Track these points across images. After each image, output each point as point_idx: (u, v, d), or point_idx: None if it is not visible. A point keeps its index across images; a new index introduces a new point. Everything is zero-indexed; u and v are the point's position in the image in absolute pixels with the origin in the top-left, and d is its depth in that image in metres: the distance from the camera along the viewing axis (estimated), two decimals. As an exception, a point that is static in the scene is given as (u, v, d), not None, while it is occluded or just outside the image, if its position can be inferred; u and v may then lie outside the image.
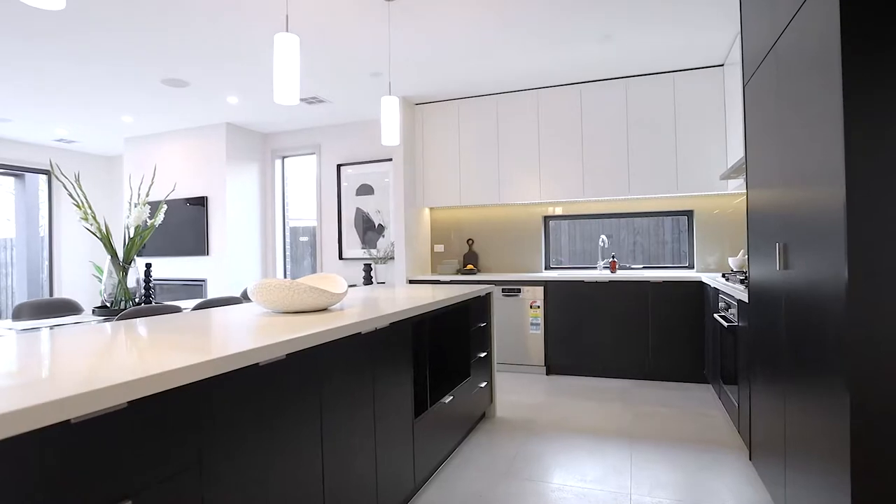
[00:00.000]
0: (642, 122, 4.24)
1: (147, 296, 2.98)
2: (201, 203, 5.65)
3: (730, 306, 2.84)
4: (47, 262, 6.56)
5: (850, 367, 1.24)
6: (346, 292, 2.06)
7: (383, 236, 5.48)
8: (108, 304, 2.75)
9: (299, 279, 2.09)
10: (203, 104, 4.88)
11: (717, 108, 4.05)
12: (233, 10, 3.04)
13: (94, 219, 2.72)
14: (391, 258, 5.40)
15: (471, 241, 5.08)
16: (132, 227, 2.81)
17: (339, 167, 5.68)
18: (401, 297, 2.49)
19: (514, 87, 4.53)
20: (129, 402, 0.91)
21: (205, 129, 5.67)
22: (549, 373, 4.29)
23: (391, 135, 2.88)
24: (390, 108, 2.86)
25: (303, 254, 6.06)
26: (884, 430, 1.21)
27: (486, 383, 3.08)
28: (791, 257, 1.70)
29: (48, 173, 6.54)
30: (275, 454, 1.30)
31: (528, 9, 3.09)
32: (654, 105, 4.22)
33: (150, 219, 2.93)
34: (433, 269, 5.27)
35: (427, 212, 5.20)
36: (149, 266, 3.02)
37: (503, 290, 4.40)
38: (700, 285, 3.84)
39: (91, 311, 2.76)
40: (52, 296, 6.53)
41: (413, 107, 4.95)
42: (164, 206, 3.02)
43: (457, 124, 4.82)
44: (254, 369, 1.24)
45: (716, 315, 3.06)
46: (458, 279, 4.56)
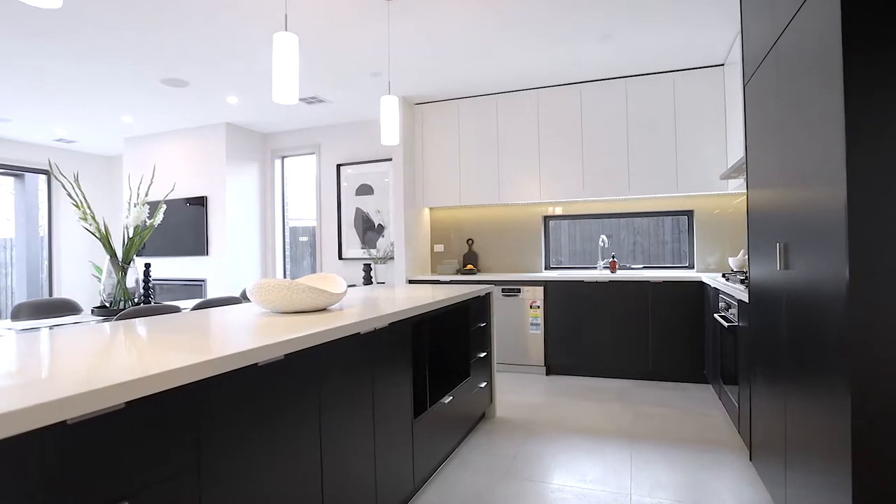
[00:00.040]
0: (642, 121, 4.24)
1: (146, 296, 2.97)
2: (201, 203, 5.65)
3: (730, 306, 2.83)
4: (47, 262, 6.55)
5: (850, 368, 1.24)
6: (346, 292, 2.05)
7: (383, 236, 5.48)
8: (108, 304, 2.74)
9: (298, 279, 2.09)
10: (203, 104, 4.88)
11: (717, 107, 4.04)
12: (231, 10, 3.04)
13: (93, 219, 2.71)
14: (391, 258, 5.39)
15: (471, 241, 5.07)
16: (131, 227, 2.81)
17: (339, 167, 5.67)
18: (400, 297, 2.48)
19: (513, 86, 4.52)
20: (127, 403, 0.91)
21: (204, 128, 5.67)
22: (548, 373, 4.28)
23: (391, 135, 2.87)
24: (390, 107, 2.86)
25: (302, 254, 6.05)
26: (884, 430, 1.21)
27: (485, 383, 3.07)
28: (791, 257, 1.70)
29: (48, 173, 6.53)
30: (273, 455, 1.29)
31: (527, 8, 3.09)
32: (654, 105, 4.21)
33: (150, 219, 2.92)
34: (433, 269, 5.26)
35: (427, 212, 5.20)
36: (148, 266, 3.02)
37: (503, 290, 4.39)
38: (700, 285, 3.84)
39: (90, 311, 2.76)
40: (51, 296, 6.53)
41: (413, 106, 4.94)
42: (164, 206, 3.02)
43: (456, 124, 4.81)
44: (252, 369, 1.23)
45: (716, 315, 3.05)
46: (458, 279, 4.56)
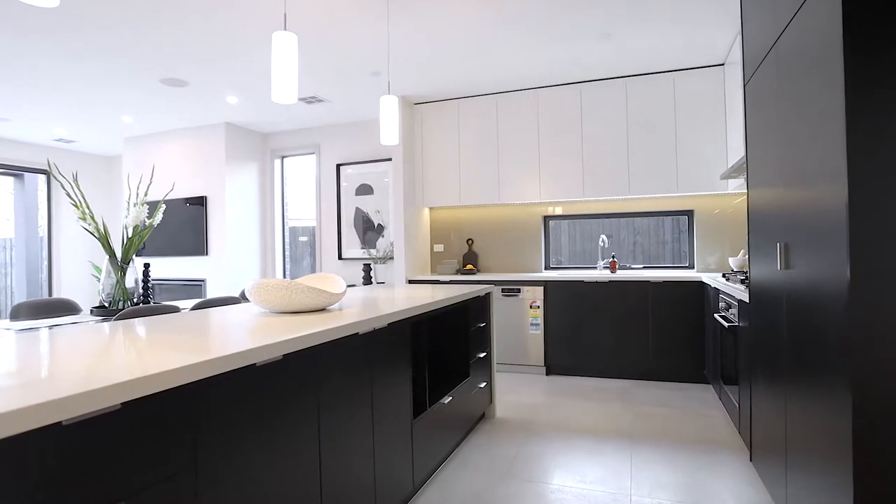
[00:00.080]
0: (642, 121, 4.23)
1: (145, 296, 2.97)
2: (200, 203, 5.64)
3: (730, 306, 2.83)
4: (46, 262, 6.55)
5: (851, 368, 1.23)
6: (345, 292, 2.05)
7: (383, 236, 5.47)
8: (107, 305, 2.74)
9: (297, 279, 2.08)
10: (202, 104, 4.87)
11: (717, 107, 4.03)
12: (230, 9, 3.03)
13: (92, 218, 2.71)
14: (391, 258, 5.39)
15: (470, 241, 5.07)
16: (130, 227, 2.81)
17: (339, 167, 5.67)
18: (400, 298, 2.48)
19: (513, 86, 4.52)
20: (123, 404, 0.90)
21: (204, 128, 5.66)
22: (548, 373, 4.28)
23: (390, 134, 2.87)
24: (389, 107, 2.85)
25: (302, 254, 6.05)
26: (885, 430, 1.20)
27: (485, 384, 3.07)
28: (792, 257, 1.69)
29: (47, 173, 6.53)
30: (272, 455, 1.29)
31: (527, 7, 3.08)
32: (654, 105, 4.20)
33: (149, 218, 2.92)
34: (433, 269, 5.26)
35: (426, 212, 5.19)
36: (147, 266, 3.02)
37: (503, 290, 4.39)
38: (700, 285, 3.83)
39: (89, 312, 2.76)
40: (51, 296, 6.52)
41: (412, 106, 4.94)
42: (163, 206, 3.02)
43: (456, 124, 4.81)
44: (251, 370, 1.23)
45: (716, 315, 3.05)
46: (458, 279, 4.55)
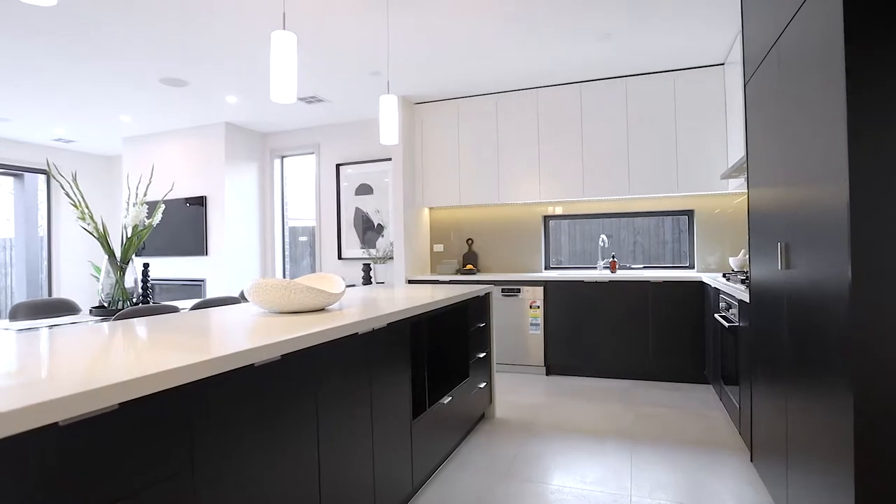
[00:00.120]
0: (642, 121, 4.23)
1: (144, 296, 2.96)
2: (200, 203, 5.64)
3: (731, 306, 2.82)
4: (46, 262, 6.54)
5: (853, 368, 1.23)
6: (344, 292, 2.04)
7: (382, 236, 5.46)
8: (106, 304, 2.73)
9: (296, 279, 2.08)
10: (202, 103, 4.87)
11: (717, 107, 4.03)
12: (230, 9, 3.03)
13: (92, 218, 2.71)
14: (390, 258, 5.38)
15: (470, 241, 5.06)
16: (130, 227, 2.80)
17: (339, 167, 5.66)
18: (399, 297, 2.47)
19: (513, 86, 4.51)
20: (120, 404, 0.90)
21: (204, 128, 5.66)
22: (548, 373, 4.27)
23: (390, 134, 2.86)
24: (389, 106, 2.85)
25: (302, 254, 6.04)
26: (886, 430, 1.20)
27: (485, 384, 3.06)
28: (793, 257, 1.68)
29: (47, 173, 6.52)
30: (271, 456, 1.28)
31: (527, 6, 3.08)
32: (654, 104, 4.20)
33: (148, 218, 2.91)
34: (432, 269, 5.25)
35: (426, 211, 5.19)
36: (146, 266, 3.01)
37: (503, 290, 4.38)
38: (701, 285, 3.83)
39: (88, 311, 2.75)
40: (50, 296, 6.52)
41: (412, 106, 4.93)
42: (162, 206, 3.01)
43: (456, 124, 4.80)
44: (249, 370, 1.22)
45: (716, 315, 3.04)
46: (458, 279, 4.54)
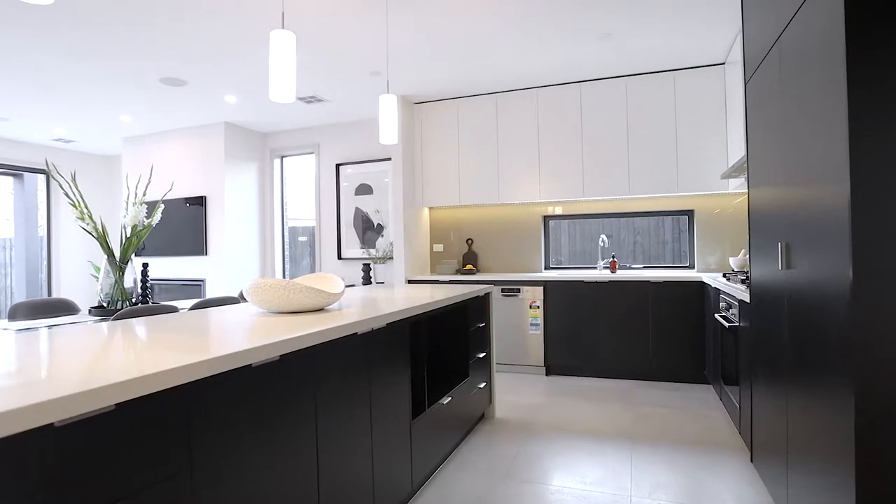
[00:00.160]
0: (642, 121, 4.22)
1: (144, 296, 2.96)
2: (200, 203, 5.63)
3: (731, 306, 2.82)
4: (46, 262, 6.54)
5: (853, 368, 1.22)
6: (343, 292, 2.04)
7: (382, 236, 5.46)
8: (105, 304, 2.73)
9: (295, 279, 2.07)
10: (201, 103, 4.86)
11: (717, 106, 4.02)
12: (229, 8, 3.02)
13: (91, 218, 2.70)
14: (390, 258, 5.38)
15: (470, 241, 5.05)
16: (129, 227, 2.80)
17: (338, 167, 5.65)
18: (399, 297, 2.47)
19: (513, 85, 4.51)
20: (117, 405, 0.89)
21: (203, 128, 5.65)
22: (548, 373, 4.27)
23: (389, 134, 2.85)
24: (388, 106, 2.84)
25: (302, 254, 6.03)
26: (887, 430, 1.19)
27: (485, 384, 3.06)
28: (794, 257, 1.68)
29: (47, 173, 6.52)
30: (269, 456, 1.27)
31: (527, 6, 3.07)
32: (654, 104, 4.19)
33: (147, 218, 2.91)
34: (432, 269, 5.24)
35: (426, 211, 5.18)
36: (146, 266, 3.01)
37: (503, 290, 4.38)
38: (701, 285, 3.82)
39: (87, 311, 2.75)
40: (50, 296, 6.52)
41: (412, 106, 4.93)
42: (161, 206, 3.01)
43: (456, 123, 4.80)
44: (247, 370, 1.22)
45: (717, 315, 3.04)
46: (458, 279, 4.54)
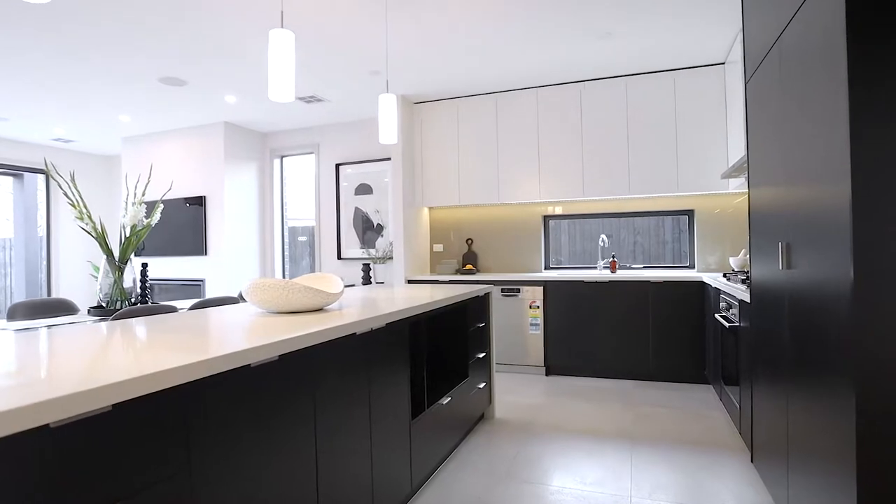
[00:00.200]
0: (642, 120, 4.22)
1: (143, 296, 2.95)
2: (199, 203, 5.63)
3: (731, 306, 2.81)
4: (45, 262, 6.53)
5: (855, 368, 1.21)
6: (343, 292, 2.03)
7: (382, 236, 5.45)
8: (104, 304, 2.73)
9: (294, 279, 2.07)
10: (201, 103, 4.86)
11: (717, 106, 4.02)
12: (229, 8, 3.02)
13: (90, 218, 2.70)
14: (390, 258, 5.37)
15: (470, 241, 5.05)
16: (128, 227, 2.79)
17: (338, 166, 5.65)
18: (398, 297, 2.46)
19: (513, 85, 4.50)
20: (114, 405, 0.89)
21: (203, 128, 5.64)
22: (548, 373, 4.26)
23: (389, 133, 2.85)
24: (388, 106, 2.83)
25: (301, 254, 6.03)
26: (888, 430, 1.19)
27: (484, 384, 3.05)
28: (794, 256, 1.67)
29: (46, 173, 6.51)
30: (268, 456, 1.27)
31: (527, 5, 3.06)
32: (654, 103, 4.19)
33: (147, 218, 2.91)
34: (432, 269, 5.24)
35: (426, 211, 5.18)
36: (145, 266, 3.00)
37: (502, 290, 4.37)
38: (701, 285, 3.81)
39: (86, 311, 2.74)
40: (49, 296, 6.51)
41: (412, 105, 4.92)
42: (160, 206, 3.00)
43: (456, 123, 4.79)
44: (245, 370, 1.21)
45: (717, 315, 3.03)
46: (457, 279, 4.53)
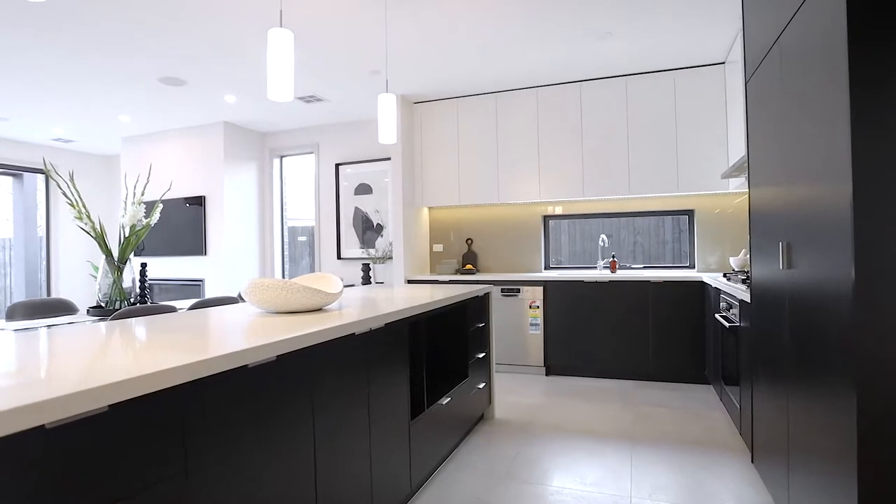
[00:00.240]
0: (642, 120, 4.21)
1: (142, 295, 2.95)
2: (199, 203, 5.62)
3: (731, 306, 2.81)
4: (45, 262, 6.53)
5: (856, 368, 1.21)
6: (342, 292, 2.03)
7: (382, 236, 5.45)
8: (103, 304, 2.72)
9: (293, 279, 2.06)
10: (201, 103, 4.85)
11: (717, 106, 4.01)
12: (229, 7, 3.01)
13: (89, 218, 2.69)
14: (390, 258, 5.37)
15: (470, 241, 5.04)
16: (127, 227, 2.79)
17: (338, 166, 5.64)
18: (398, 297, 2.46)
19: (513, 85, 4.50)
20: (110, 406, 0.88)
21: (203, 128, 5.64)
22: (548, 373, 4.25)
23: (388, 133, 2.84)
24: (387, 105, 2.83)
25: (301, 254, 6.02)
26: (890, 431, 1.18)
27: (484, 384, 3.05)
28: (795, 256, 1.67)
29: (46, 173, 6.51)
30: (266, 457, 1.26)
31: (527, 5, 3.06)
32: (654, 103, 4.18)
33: (146, 218, 2.90)
34: (432, 269, 5.23)
35: (426, 211, 5.17)
36: (144, 266, 3.00)
37: (502, 290, 4.36)
38: (701, 285, 3.81)
39: (85, 311, 2.74)
40: (49, 296, 6.51)
41: (412, 105, 4.92)
42: (160, 206, 3.00)
43: (455, 123, 4.79)
44: (244, 370, 1.21)
45: (717, 315, 3.02)
46: (457, 279, 4.53)
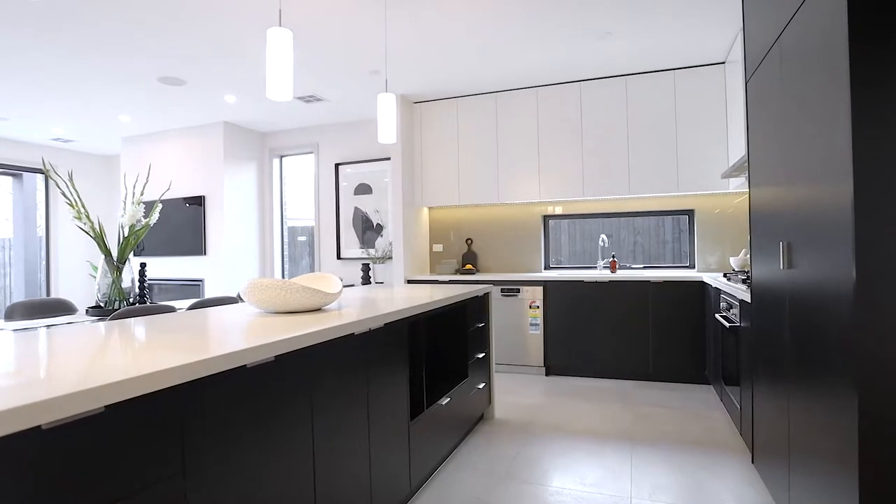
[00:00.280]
0: (642, 120, 4.21)
1: (141, 295, 2.94)
2: (199, 202, 5.62)
3: (731, 306, 2.80)
4: (45, 262, 6.53)
5: (856, 368, 1.20)
6: (341, 292, 2.02)
7: (382, 236, 5.44)
8: (103, 304, 2.72)
9: (293, 279, 2.06)
10: (200, 103, 4.85)
11: (718, 105, 4.01)
12: (228, 7, 3.01)
13: (88, 217, 2.69)
14: (389, 258, 5.36)
15: (470, 241, 5.04)
16: (126, 227, 2.78)
17: (338, 166, 5.64)
18: (397, 297, 2.45)
19: (513, 85, 4.49)
20: (107, 406, 0.88)
21: (202, 128, 5.64)
22: (548, 373, 4.25)
23: (388, 133, 2.84)
24: (387, 105, 2.82)
25: (301, 254, 6.02)
26: (891, 431, 1.18)
27: (484, 384, 3.04)
28: (795, 256, 1.66)
29: (45, 173, 6.50)
30: (265, 457, 1.26)
31: (527, 5, 3.05)
32: (654, 103, 4.18)
33: (145, 218, 2.90)
34: (432, 269, 5.23)
35: (425, 211, 5.17)
36: (143, 265, 2.99)
37: (502, 290, 4.36)
38: (701, 285, 3.80)
39: (85, 311, 2.73)
40: (48, 296, 6.50)
41: (411, 105, 4.91)
42: (159, 205, 2.99)
43: (455, 123, 4.78)
44: (243, 371, 1.20)
45: (717, 315, 3.02)
46: (457, 279, 4.52)
